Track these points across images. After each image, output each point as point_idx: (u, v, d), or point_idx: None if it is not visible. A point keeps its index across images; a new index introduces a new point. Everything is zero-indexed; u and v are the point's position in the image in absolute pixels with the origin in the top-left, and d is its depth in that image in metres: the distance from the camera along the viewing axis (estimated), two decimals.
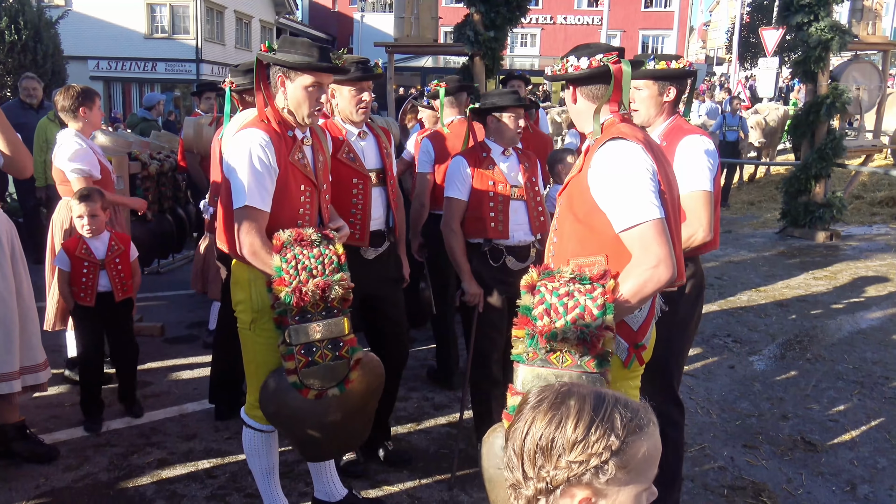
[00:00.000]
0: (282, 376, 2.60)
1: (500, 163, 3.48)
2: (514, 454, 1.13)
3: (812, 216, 9.09)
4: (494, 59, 7.97)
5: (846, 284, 7.11)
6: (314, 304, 2.52)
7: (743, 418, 4.22)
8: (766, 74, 19.64)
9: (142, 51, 28.81)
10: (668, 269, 1.95)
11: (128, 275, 3.91)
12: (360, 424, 2.86)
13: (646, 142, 2.13)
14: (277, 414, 2.66)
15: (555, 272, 1.95)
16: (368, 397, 2.78)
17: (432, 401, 4.41)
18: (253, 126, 2.64)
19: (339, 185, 3.16)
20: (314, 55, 2.65)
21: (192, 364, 4.89)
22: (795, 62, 9.09)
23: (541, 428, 1.10)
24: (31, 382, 3.48)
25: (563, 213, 2.25)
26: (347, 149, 3.22)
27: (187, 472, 3.50)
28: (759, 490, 3.43)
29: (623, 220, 2.00)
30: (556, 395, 1.12)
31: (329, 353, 2.59)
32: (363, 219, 3.25)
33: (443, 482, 3.46)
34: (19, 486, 3.30)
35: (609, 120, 2.22)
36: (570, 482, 1.08)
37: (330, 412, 2.64)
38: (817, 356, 5.17)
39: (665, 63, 2.78)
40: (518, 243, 3.44)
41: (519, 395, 1.92)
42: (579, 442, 1.06)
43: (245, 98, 3.98)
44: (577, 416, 1.08)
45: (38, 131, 6.92)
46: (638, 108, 2.88)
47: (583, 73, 2.19)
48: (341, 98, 3.22)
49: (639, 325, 2.19)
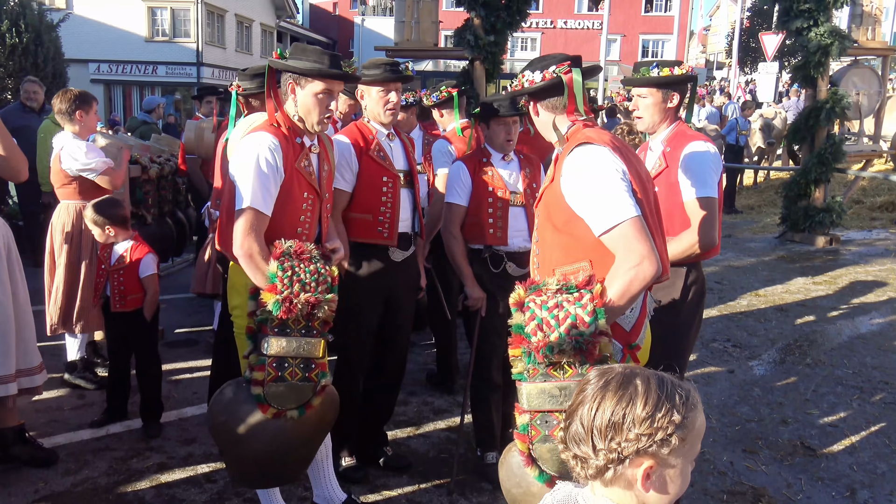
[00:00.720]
0: (241, 387, 2.54)
1: (499, 168, 3.47)
2: (583, 430, 1.26)
3: (812, 221, 9.09)
4: (495, 63, 7.99)
5: (846, 289, 7.11)
6: (297, 319, 2.49)
7: (742, 423, 4.22)
8: (765, 79, 19.65)
9: (142, 54, 28.85)
10: (651, 264, 1.96)
11: (129, 289, 3.83)
12: (301, 457, 2.72)
13: (613, 143, 2.14)
14: (225, 425, 2.54)
15: (541, 286, 1.95)
16: (320, 429, 2.69)
17: (432, 405, 4.41)
18: (263, 129, 2.64)
19: (370, 182, 3.19)
20: (325, 62, 2.66)
21: (192, 368, 4.89)
22: (795, 67, 9.11)
23: (611, 406, 1.23)
24: (27, 385, 3.48)
25: (542, 224, 2.27)
26: (378, 147, 3.24)
27: (186, 476, 3.49)
28: (758, 495, 3.43)
29: (601, 224, 2.01)
30: (621, 377, 1.26)
31: (299, 373, 2.52)
32: (392, 217, 3.25)
33: (442, 487, 3.45)
34: (18, 491, 3.30)
35: (573, 128, 2.24)
36: (639, 452, 1.22)
37: (282, 435, 2.54)
38: (817, 361, 5.17)
39: (668, 70, 2.79)
40: (518, 249, 3.44)
41: (527, 413, 1.92)
42: (648, 417, 1.21)
43: (251, 102, 3.98)
44: (645, 395, 1.23)
45: (41, 135, 6.95)
46: (642, 116, 2.88)
47: (538, 86, 2.24)
48: (369, 99, 3.23)
49: (631, 326, 2.19)
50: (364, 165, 3.18)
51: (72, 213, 4.32)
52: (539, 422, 1.90)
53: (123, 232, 3.88)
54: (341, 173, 3.15)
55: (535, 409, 1.90)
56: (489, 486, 3.45)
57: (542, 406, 1.90)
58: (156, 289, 3.91)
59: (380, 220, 3.21)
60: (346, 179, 3.18)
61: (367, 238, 3.23)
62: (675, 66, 2.82)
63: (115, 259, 3.84)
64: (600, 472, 1.26)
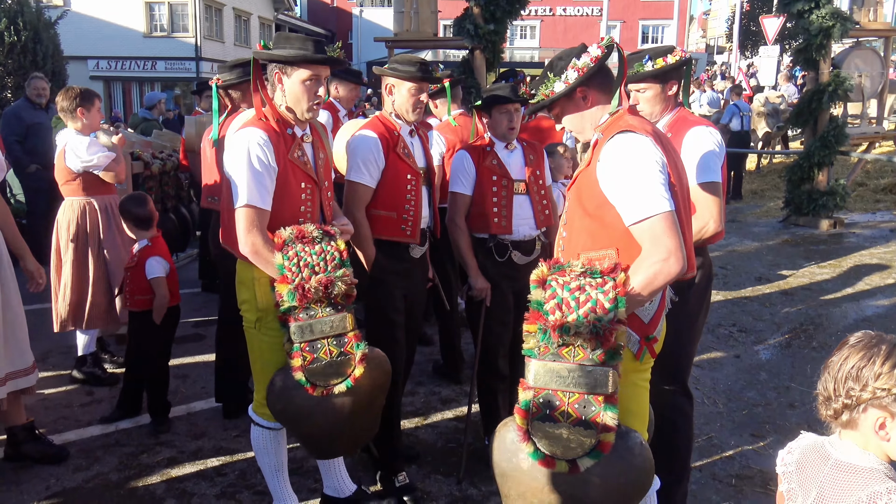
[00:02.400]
0: (288, 374, 2.60)
1: (503, 157, 3.46)
2: (830, 377, 1.53)
3: (816, 204, 9.06)
4: (495, 52, 7.95)
5: (850, 272, 7.10)
6: (317, 300, 2.52)
7: (749, 407, 4.23)
8: (766, 63, 19.57)
9: (141, 50, 28.80)
10: (678, 261, 1.95)
11: (136, 288, 3.88)
12: (368, 420, 2.84)
13: (654, 134, 2.13)
14: (284, 412, 2.66)
15: (565, 266, 1.95)
16: (375, 393, 2.77)
17: (439, 395, 4.42)
18: (251, 125, 2.64)
19: (395, 180, 3.16)
20: (309, 48, 2.66)
21: (199, 363, 4.90)
22: (796, 50, 9.05)
23: (854, 361, 1.49)
24: (23, 385, 3.48)
25: (573, 208, 2.25)
26: (403, 144, 3.21)
27: (196, 470, 3.51)
28: (767, 479, 3.44)
29: (633, 214, 2.00)
30: (870, 339, 1.52)
31: (334, 350, 2.58)
32: (415, 215, 3.23)
33: (451, 476, 3.47)
34: (30, 489, 3.32)
35: (618, 112, 2.21)
36: (872, 403, 1.46)
37: (337, 409, 2.63)
38: (823, 344, 5.17)
39: (662, 59, 2.76)
40: (523, 238, 3.44)
41: (531, 390, 1.92)
42: (884, 374, 1.44)
43: (231, 94, 4.00)
44: (886, 356, 1.47)
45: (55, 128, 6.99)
46: (643, 109, 2.87)
47: (599, 63, 2.19)
48: (399, 94, 3.18)
49: (650, 318, 2.18)
50: (391, 163, 3.14)
51: (76, 210, 4.34)
52: (542, 400, 1.91)
53: (140, 231, 3.92)
54: (368, 169, 3.11)
55: (540, 387, 1.91)
56: None
57: (548, 385, 1.91)
58: (164, 292, 3.86)
59: (404, 218, 3.19)
60: (371, 175, 3.13)
61: (390, 236, 3.20)
62: (668, 54, 2.78)
63: (129, 258, 3.97)
64: (837, 414, 1.51)
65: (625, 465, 1.92)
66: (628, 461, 1.93)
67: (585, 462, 1.89)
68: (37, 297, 6.22)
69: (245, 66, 4.03)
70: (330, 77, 3.45)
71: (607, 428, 1.89)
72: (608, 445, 1.89)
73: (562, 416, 1.90)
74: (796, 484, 1.58)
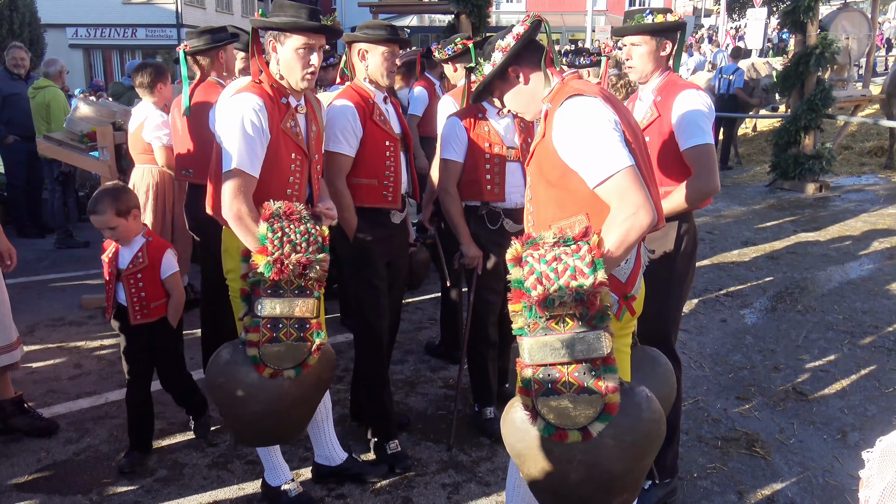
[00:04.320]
0: (237, 349, 2.54)
1: (495, 123, 3.42)
2: None
3: (802, 168, 9.09)
4: (480, 16, 7.86)
5: (836, 235, 7.15)
6: (290, 280, 2.48)
7: (735, 371, 4.28)
8: (754, 25, 19.44)
9: (120, 17, 28.22)
10: (647, 213, 1.96)
11: (151, 294, 3.21)
12: (300, 415, 2.71)
13: (603, 93, 2.12)
14: (224, 387, 2.54)
15: (537, 240, 1.95)
16: (317, 388, 2.69)
17: (428, 363, 4.44)
18: (247, 90, 2.60)
19: (374, 147, 3.15)
20: (303, 16, 2.61)
21: (188, 333, 4.88)
22: (784, 12, 9.00)
23: None
24: (7, 362, 3.48)
25: (535, 181, 2.25)
26: (378, 111, 3.18)
27: (188, 440, 3.53)
28: (752, 441, 3.50)
29: (595, 175, 2.00)
30: None
31: (294, 333, 2.53)
32: (395, 181, 3.22)
33: (442, 443, 3.50)
34: (21, 461, 3.33)
35: (559, 81, 2.21)
36: None
37: (280, 394, 2.54)
38: (808, 308, 5.22)
39: (662, 16, 2.77)
40: (515, 206, 3.42)
41: (529, 368, 1.93)
42: None
43: (199, 61, 3.95)
44: None
45: (36, 104, 6.91)
46: (635, 65, 2.85)
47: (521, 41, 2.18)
48: (373, 58, 3.14)
49: (627, 277, 2.20)
50: (368, 130, 3.12)
51: (155, 175, 4.95)
52: (542, 375, 1.92)
53: (135, 224, 3.20)
54: (346, 138, 3.09)
55: (537, 364, 1.92)
56: (487, 440, 3.50)
57: (545, 360, 1.91)
58: (181, 290, 3.32)
59: (384, 185, 3.18)
60: (350, 144, 3.11)
61: (373, 203, 3.19)
62: (668, 14, 2.80)
63: (130, 261, 3.19)
64: None
65: (635, 421, 1.93)
66: (637, 416, 1.94)
67: (596, 427, 1.90)
68: (22, 271, 6.19)
69: (213, 33, 3.97)
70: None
71: (611, 390, 1.91)
72: (615, 406, 1.91)
73: (564, 386, 1.90)
74: (876, 470, 1.55)
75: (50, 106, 6.95)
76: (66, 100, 7.30)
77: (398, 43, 3.17)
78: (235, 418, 2.63)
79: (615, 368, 1.91)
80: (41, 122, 6.92)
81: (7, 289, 3.50)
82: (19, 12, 10.91)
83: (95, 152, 5.31)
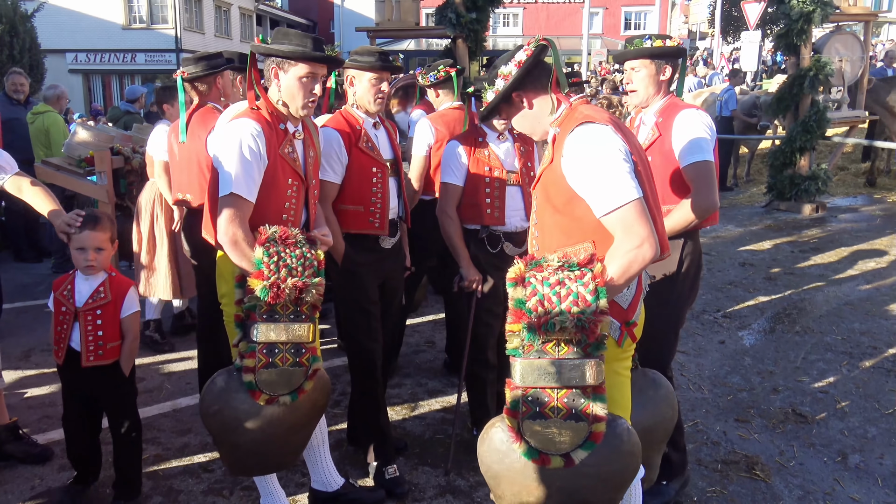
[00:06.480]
0: (231, 376, 2.53)
1: (495, 147, 3.45)
2: None
3: (798, 189, 9.12)
4: (477, 40, 7.92)
5: (833, 256, 7.16)
6: (286, 304, 2.48)
7: (734, 393, 4.26)
8: (748, 48, 19.61)
9: (120, 42, 28.50)
10: (651, 247, 1.97)
11: (108, 334, 2.97)
12: (295, 443, 2.71)
13: (613, 121, 2.13)
14: (219, 414, 2.52)
15: (541, 261, 1.95)
16: (312, 414, 2.68)
17: (426, 387, 4.42)
18: (245, 116, 2.62)
19: (360, 174, 3.16)
20: (308, 45, 2.64)
21: (185, 358, 4.87)
22: (777, 35, 9.08)
23: None
24: None
25: (541, 206, 2.25)
26: (366, 138, 3.20)
27: (183, 466, 3.50)
28: (752, 463, 3.47)
29: (603, 205, 2.00)
30: None
31: (290, 358, 2.52)
32: (383, 207, 3.23)
33: (439, 467, 3.47)
34: (14, 489, 3.29)
35: (568, 107, 2.22)
36: None
37: (274, 421, 2.53)
38: (806, 329, 5.21)
39: (661, 41, 2.81)
40: (515, 229, 3.44)
41: (519, 389, 1.93)
42: None
43: (197, 87, 3.98)
44: None
45: (35, 129, 6.94)
46: (636, 89, 2.89)
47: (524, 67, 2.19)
48: (360, 85, 3.18)
49: (628, 303, 2.20)
50: (354, 157, 3.14)
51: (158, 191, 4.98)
52: (531, 398, 1.91)
53: (110, 253, 3.02)
54: (331, 165, 3.11)
55: (527, 386, 1.91)
56: None
57: (536, 383, 1.91)
58: (137, 332, 3.09)
59: (371, 211, 3.19)
60: (335, 171, 3.14)
61: (359, 229, 3.21)
62: (667, 39, 2.84)
63: (88, 296, 2.96)
64: None
65: (614, 452, 1.93)
66: (617, 447, 1.94)
67: (579, 454, 1.90)
68: (19, 295, 6.17)
69: (210, 59, 4.01)
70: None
71: (598, 418, 1.90)
72: (600, 435, 1.90)
73: (552, 411, 1.90)
74: None
75: (49, 131, 6.99)
76: (65, 125, 7.33)
77: (386, 70, 3.19)
78: (230, 447, 2.61)
79: (605, 397, 1.91)
80: (40, 147, 6.94)
81: (3, 313, 3.49)
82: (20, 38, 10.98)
83: (93, 177, 5.32)
